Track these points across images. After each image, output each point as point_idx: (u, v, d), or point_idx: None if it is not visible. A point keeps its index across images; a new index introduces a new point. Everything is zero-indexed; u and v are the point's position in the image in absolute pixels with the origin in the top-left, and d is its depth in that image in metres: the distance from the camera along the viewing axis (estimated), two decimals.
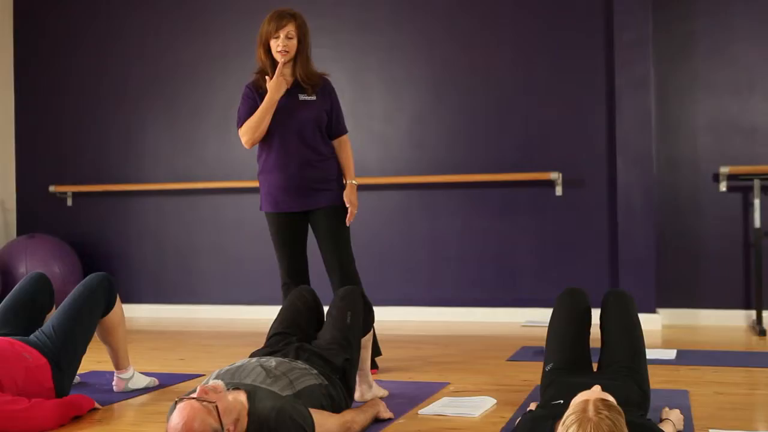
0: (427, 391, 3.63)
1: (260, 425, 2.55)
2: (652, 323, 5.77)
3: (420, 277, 6.52)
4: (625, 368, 2.86)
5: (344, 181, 4.25)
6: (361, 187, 6.52)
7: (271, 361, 2.86)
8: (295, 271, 4.23)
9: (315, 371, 2.94)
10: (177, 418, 2.41)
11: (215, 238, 6.96)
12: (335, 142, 4.27)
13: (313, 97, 4.16)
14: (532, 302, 6.18)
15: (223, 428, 2.44)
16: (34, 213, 7.34)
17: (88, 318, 3.45)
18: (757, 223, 5.71)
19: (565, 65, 6.24)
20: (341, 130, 4.29)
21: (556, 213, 6.23)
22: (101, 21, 7.25)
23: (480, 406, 3.28)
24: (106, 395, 3.67)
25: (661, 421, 2.78)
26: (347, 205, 4.21)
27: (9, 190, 7.33)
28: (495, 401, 3.37)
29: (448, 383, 3.84)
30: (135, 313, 7.04)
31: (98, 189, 7.15)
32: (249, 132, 4.09)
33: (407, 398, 3.49)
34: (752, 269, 5.85)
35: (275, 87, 4.03)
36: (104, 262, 7.15)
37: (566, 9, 6.26)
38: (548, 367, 2.95)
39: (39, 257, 6.58)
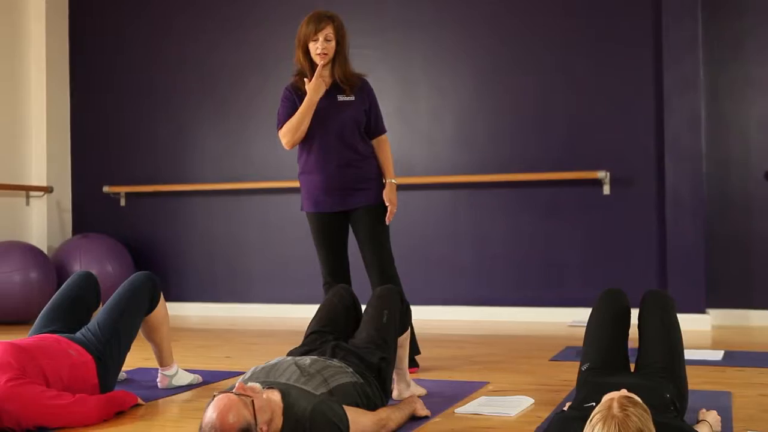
0: (465, 390, 3.64)
1: (295, 424, 2.57)
2: (701, 323, 5.70)
3: (466, 276, 6.52)
4: (661, 369, 2.84)
5: (384, 180, 4.27)
6: (407, 187, 6.59)
7: (306, 360, 2.89)
8: (335, 271, 4.25)
9: (350, 369, 2.96)
10: (213, 409, 2.44)
11: (263, 237, 7.04)
12: (374, 142, 4.30)
13: (352, 98, 4.19)
14: (578, 302, 6.13)
15: (256, 425, 2.47)
16: (89, 213, 7.50)
17: (133, 316, 3.52)
18: None
19: (613, 64, 6.18)
20: (380, 130, 4.32)
21: (603, 212, 6.18)
22: (152, 24, 7.38)
23: (517, 405, 3.27)
24: (150, 391, 3.74)
25: (698, 422, 2.75)
26: (387, 204, 4.23)
27: (65, 190, 7.50)
28: (532, 401, 3.36)
29: (488, 383, 3.84)
30: (185, 312, 7.17)
31: (150, 189, 7.29)
32: (289, 133, 4.13)
33: (445, 397, 3.50)
34: None
35: (314, 89, 4.06)
36: (155, 261, 7.28)
37: (614, 7, 6.20)
38: (584, 367, 2.94)
39: (92, 256, 6.72)
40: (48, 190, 7.27)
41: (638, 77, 6.13)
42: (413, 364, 4.16)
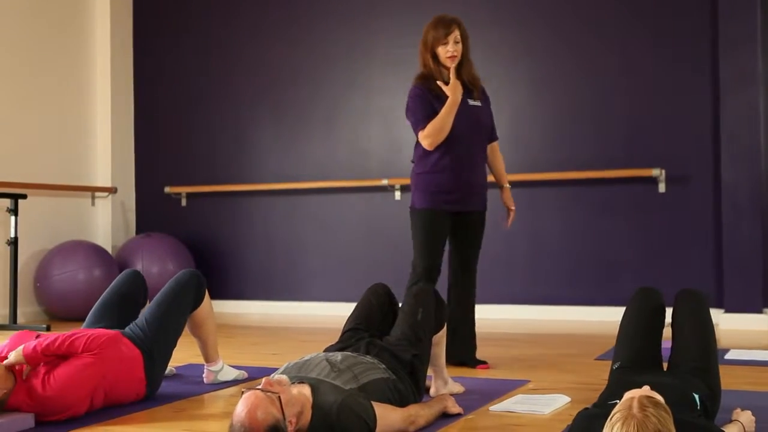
0: (504, 388, 3.65)
1: (323, 418, 2.64)
2: (758, 323, 5.60)
3: (520, 275, 6.51)
4: (694, 368, 2.81)
5: (502, 185, 4.43)
6: None
7: (338, 356, 2.95)
8: (435, 269, 4.24)
9: (383, 366, 3.00)
10: (241, 407, 2.51)
11: (320, 236, 7.13)
12: (489, 147, 4.39)
13: (479, 103, 4.26)
14: None
15: (285, 419, 2.53)
16: (152, 213, 7.70)
17: (179, 312, 3.63)
18: None
19: (669, 59, 6.10)
20: (495, 136, 4.42)
21: (658, 210, 6.11)
22: (211, 29, 7.54)
23: (552, 403, 3.28)
24: (196, 386, 3.84)
25: (731, 422, 2.72)
26: (511, 208, 4.42)
27: (129, 191, 7.71)
28: (569, 399, 3.36)
29: (528, 381, 3.85)
30: (244, 310, 7.30)
31: (210, 189, 7.45)
32: (433, 135, 4.10)
33: (482, 394, 3.51)
34: None
35: (456, 89, 4.07)
36: (215, 260, 7.43)
37: (670, 3, 6.12)
38: (615, 366, 2.93)
39: (154, 255, 6.90)
40: (112, 190, 7.49)
41: (694, 72, 6.04)
42: (480, 362, 4.23)
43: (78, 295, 6.48)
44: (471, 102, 4.22)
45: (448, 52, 4.11)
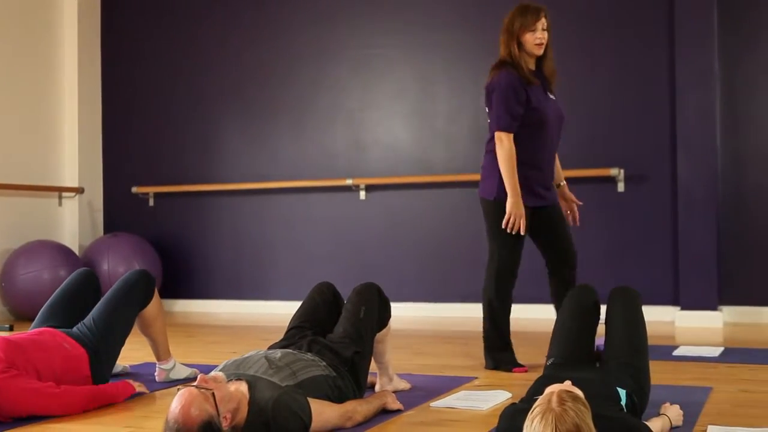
0: (450, 385, 3.70)
1: (259, 414, 2.68)
2: (713, 320, 5.68)
3: (483, 273, 6.55)
4: (623, 363, 2.88)
5: (561, 183, 4.41)
6: (426, 185, 6.67)
7: (277, 353, 3.00)
8: (518, 264, 4.25)
9: (323, 363, 3.05)
10: (175, 404, 2.55)
11: (288, 236, 7.18)
12: None
13: (554, 97, 4.22)
14: None
15: (219, 415, 2.58)
16: (119, 213, 7.72)
17: (126, 311, 3.67)
18: None
19: (627, 60, 6.18)
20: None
21: (617, 209, 6.18)
22: (180, 28, 7.57)
23: (492, 399, 3.33)
24: (149, 385, 3.86)
25: (658, 416, 2.79)
26: (578, 203, 4.50)
27: (96, 191, 7.73)
28: (510, 395, 3.42)
29: (476, 377, 3.91)
30: (212, 309, 7.34)
31: (178, 189, 7.47)
32: (504, 158, 4.01)
33: (427, 391, 3.57)
34: None
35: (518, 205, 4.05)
36: (183, 260, 7.46)
37: (628, 5, 6.19)
38: (549, 362, 2.99)
39: (120, 255, 6.92)
40: (79, 191, 7.50)
41: (652, 72, 6.12)
42: (518, 365, 4.16)
43: (43, 295, 6.39)
44: (551, 96, 4.16)
45: (537, 39, 4.03)
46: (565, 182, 4.41)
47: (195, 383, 2.61)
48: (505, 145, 4.01)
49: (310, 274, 7.07)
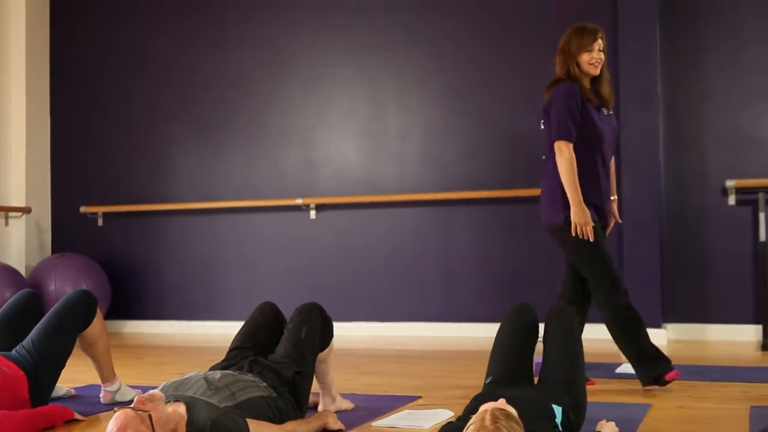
0: (393, 404, 3.71)
1: None
2: (657, 338, 5.72)
3: (435, 292, 6.61)
4: (560, 381, 2.92)
5: (613, 197, 4.33)
6: (376, 205, 6.70)
7: (216, 374, 2.99)
8: (616, 272, 4.13)
9: (264, 384, 3.05)
10: (111, 425, 2.53)
11: (239, 255, 7.15)
12: None
13: (611, 113, 4.20)
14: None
15: None
16: (68, 233, 7.64)
17: (66, 332, 3.62)
18: (763, 236, 5.66)
19: None
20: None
21: None
22: (131, 46, 7.54)
23: (434, 418, 3.35)
24: (93, 407, 3.83)
25: None
26: (619, 220, 4.39)
27: (44, 210, 7.64)
28: (452, 413, 3.44)
29: (420, 397, 3.92)
30: (162, 330, 7.29)
31: (127, 209, 7.42)
32: (566, 167, 3.95)
33: (370, 410, 3.58)
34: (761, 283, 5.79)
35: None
36: (132, 280, 7.40)
37: (572, 24, 6.28)
38: (488, 380, 3.02)
39: (68, 275, 6.84)
40: (26, 210, 7.42)
41: None
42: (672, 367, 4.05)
43: None
44: (605, 112, 4.14)
45: (593, 59, 4.05)
46: (615, 197, 4.34)
47: (132, 405, 2.60)
48: (565, 153, 3.96)
49: (260, 294, 7.02)
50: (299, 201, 6.85)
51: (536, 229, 6.32)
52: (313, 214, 6.92)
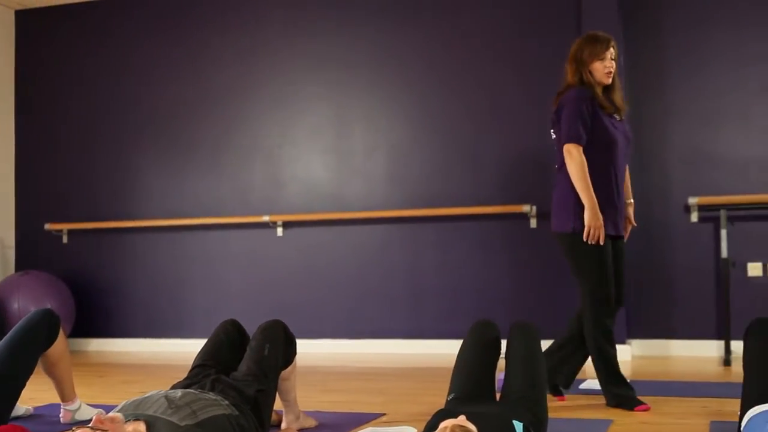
0: (357, 421, 3.71)
1: None
2: (621, 354, 5.71)
3: (399, 309, 6.61)
4: (522, 397, 2.93)
5: (629, 200, 4.26)
6: (342, 222, 6.70)
7: (177, 393, 2.97)
8: (612, 297, 4.00)
9: (226, 402, 3.03)
10: None
11: (205, 273, 7.12)
12: None
13: (622, 118, 4.12)
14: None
15: None
16: (32, 250, 7.57)
17: (27, 352, 3.58)
18: (724, 253, 5.73)
19: (536, 98, 6.32)
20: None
21: (530, 245, 6.30)
22: (95, 64, 7.50)
23: None
24: (52, 426, 3.80)
25: None
26: (633, 225, 4.26)
27: (8, 227, 7.57)
28: (415, 430, 3.44)
29: (384, 414, 3.92)
30: (128, 348, 7.22)
31: (92, 226, 7.37)
32: (576, 170, 3.89)
33: (333, 428, 3.57)
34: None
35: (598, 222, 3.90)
36: (98, 298, 7.34)
37: (537, 41, 6.36)
38: (450, 397, 3.03)
39: (32, 293, 6.78)
40: None
41: None
42: (558, 391, 4.13)
43: None
44: (617, 117, 4.07)
45: (606, 67, 4.01)
46: (632, 201, 4.28)
47: (90, 424, 2.57)
48: (575, 157, 3.90)
49: (227, 311, 7.01)
50: (266, 218, 6.85)
51: (502, 246, 6.38)
52: (280, 231, 6.91)
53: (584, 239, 3.90)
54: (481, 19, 6.53)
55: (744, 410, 2.83)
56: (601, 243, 3.91)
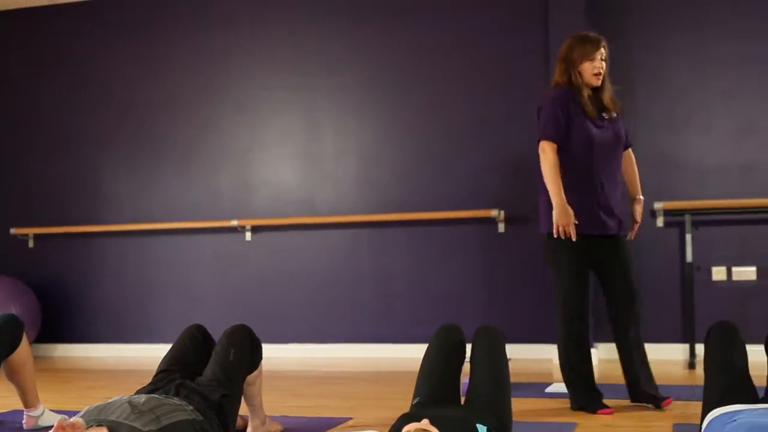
0: (323, 426, 3.71)
1: None
2: None
3: (369, 314, 6.61)
4: (486, 401, 2.94)
5: (636, 197, 4.25)
6: (312, 226, 6.69)
7: (141, 398, 2.95)
8: (585, 301, 4.02)
9: (190, 407, 3.02)
10: None
11: (172, 277, 7.08)
12: (625, 154, 4.23)
13: (615, 114, 4.09)
14: None
15: None
16: None
17: None
18: (689, 257, 5.79)
19: (506, 108, 6.37)
20: (629, 142, 4.25)
21: (498, 250, 6.33)
22: (61, 66, 7.44)
23: None
24: None
25: None
26: (637, 221, 4.23)
27: None
28: None
29: (350, 418, 3.92)
30: (95, 353, 7.17)
31: (59, 231, 7.30)
32: (547, 169, 3.91)
33: None
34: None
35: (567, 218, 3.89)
36: (64, 303, 7.27)
37: (504, 46, 6.40)
38: (415, 401, 3.04)
39: None
40: None
41: (528, 119, 6.29)
42: (654, 400, 4.03)
43: None
44: (607, 117, 4.05)
45: (596, 68, 4.01)
46: (640, 197, 4.26)
47: (51, 431, 2.56)
48: (548, 155, 3.91)
49: (196, 315, 6.97)
50: (234, 222, 6.82)
51: (471, 251, 6.40)
52: (248, 235, 6.89)
53: (554, 235, 3.92)
54: (450, 25, 6.55)
55: (705, 413, 2.87)
56: (573, 240, 3.91)
